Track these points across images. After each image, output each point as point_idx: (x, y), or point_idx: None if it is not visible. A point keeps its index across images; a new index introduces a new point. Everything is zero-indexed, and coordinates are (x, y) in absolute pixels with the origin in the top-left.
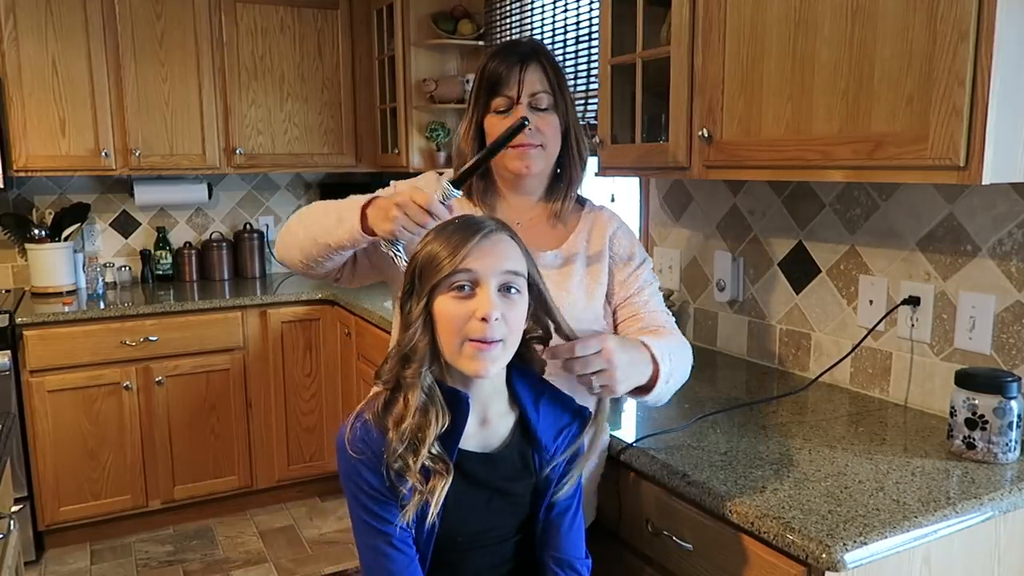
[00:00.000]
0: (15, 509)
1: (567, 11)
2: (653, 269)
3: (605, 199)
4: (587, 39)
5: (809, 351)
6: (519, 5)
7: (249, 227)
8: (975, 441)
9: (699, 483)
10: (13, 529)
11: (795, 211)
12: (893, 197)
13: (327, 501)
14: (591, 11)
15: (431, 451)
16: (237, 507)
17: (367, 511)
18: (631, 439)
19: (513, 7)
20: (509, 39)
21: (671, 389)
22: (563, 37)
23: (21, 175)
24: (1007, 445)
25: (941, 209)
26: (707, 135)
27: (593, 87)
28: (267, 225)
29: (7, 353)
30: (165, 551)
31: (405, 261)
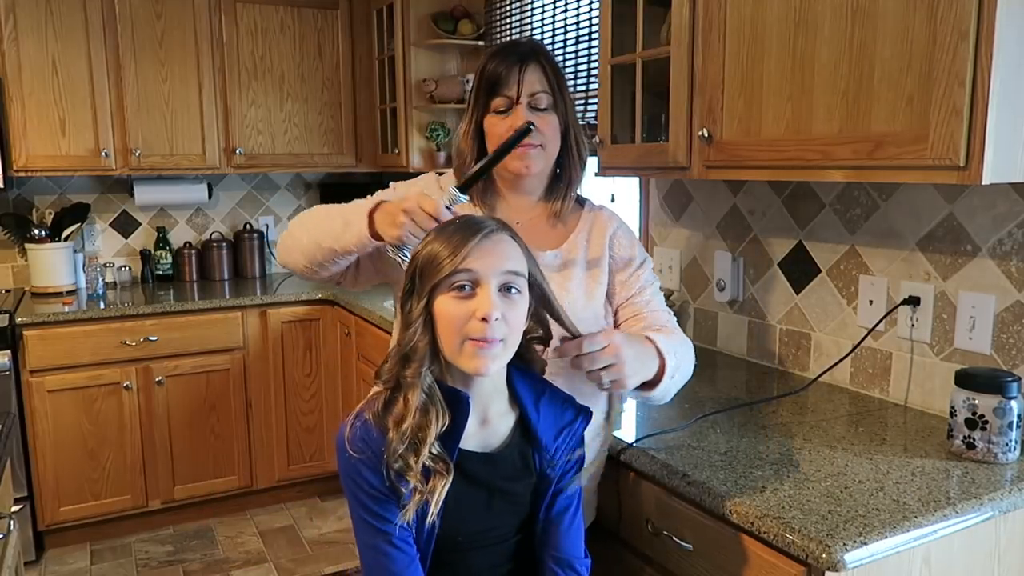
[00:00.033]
0: (15, 509)
1: (567, 11)
2: (653, 269)
3: (605, 199)
4: (587, 39)
5: (809, 351)
6: (519, 5)
7: (249, 227)
8: (975, 441)
9: (699, 483)
10: (13, 529)
11: (795, 211)
12: (893, 197)
13: (327, 501)
14: (591, 11)
15: (431, 451)
16: (237, 507)
17: (367, 510)
18: (631, 439)
19: (513, 7)
20: (509, 39)
21: (676, 385)
22: (563, 37)
23: (21, 175)
24: (1007, 445)
25: (941, 209)
26: (707, 135)
27: (593, 87)
28: (267, 225)
29: (7, 353)
30: (165, 551)
31: None
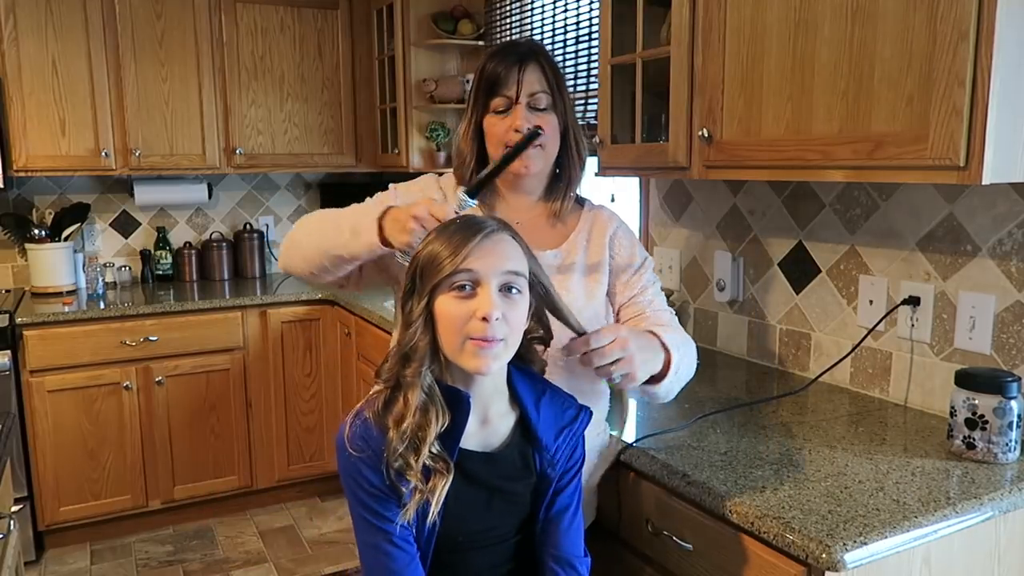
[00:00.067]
0: (15, 509)
1: (567, 11)
2: (653, 269)
3: (605, 199)
4: (587, 39)
5: (809, 351)
6: (519, 5)
7: (249, 227)
8: (975, 441)
9: (699, 483)
10: (13, 529)
11: (795, 211)
12: (893, 197)
13: (327, 501)
14: (591, 11)
15: (431, 450)
16: (237, 507)
17: (367, 509)
18: (631, 439)
19: (513, 7)
20: (508, 40)
21: (681, 380)
22: (563, 37)
23: (21, 175)
24: (1007, 445)
25: (941, 209)
26: (707, 135)
27: (593, 87)
28: (267, 225)
29: (7, 353)
30: (165, 551)
31: None
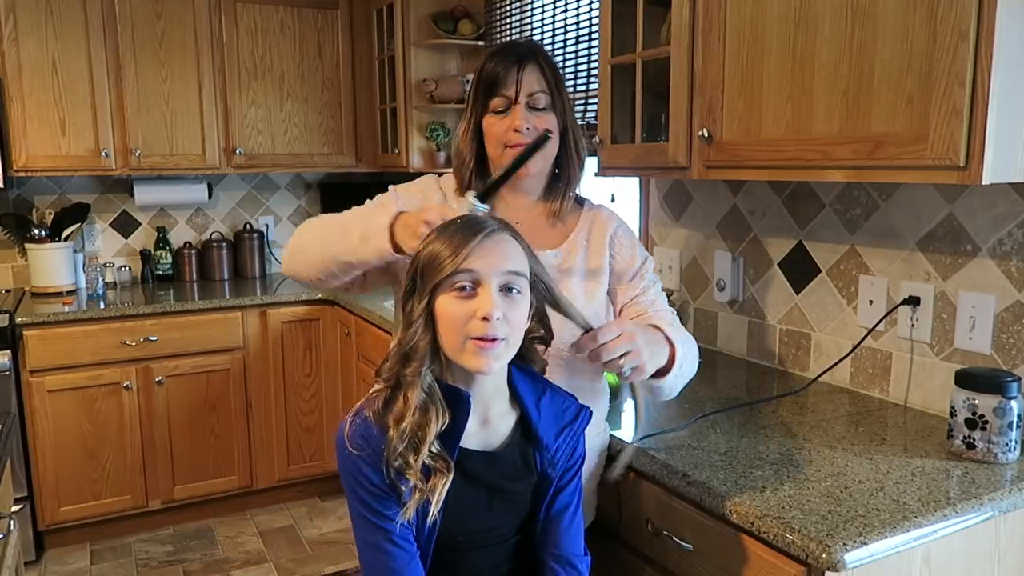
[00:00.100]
0: (15, 509)
1: (567, 11)
2: (653, 269)
3: (605, 199)
4: (587, 39)
5: (809, 351)
6: (519, 5)
7: (249, 227)
8: (975, 441)
9: (699, 483)
10: (13, 529)
11: (795, 211)
12: (893, 197)
13: (327, 501)
14: (591, 11)
15: (431, 449)
16: (237, 507)
17: (367, 507)
18: (631, 439)
19: (513, 7)
20: (507, 40)
21: (685, 375)
22: (563, 37)
23: (21, 175)
24: (1007, 445)
25: (941, 209)
26: (707, 135)
27: (593, 87)
28: (267, 225)
29: (7, 353)
30: (165, 551)
31: None
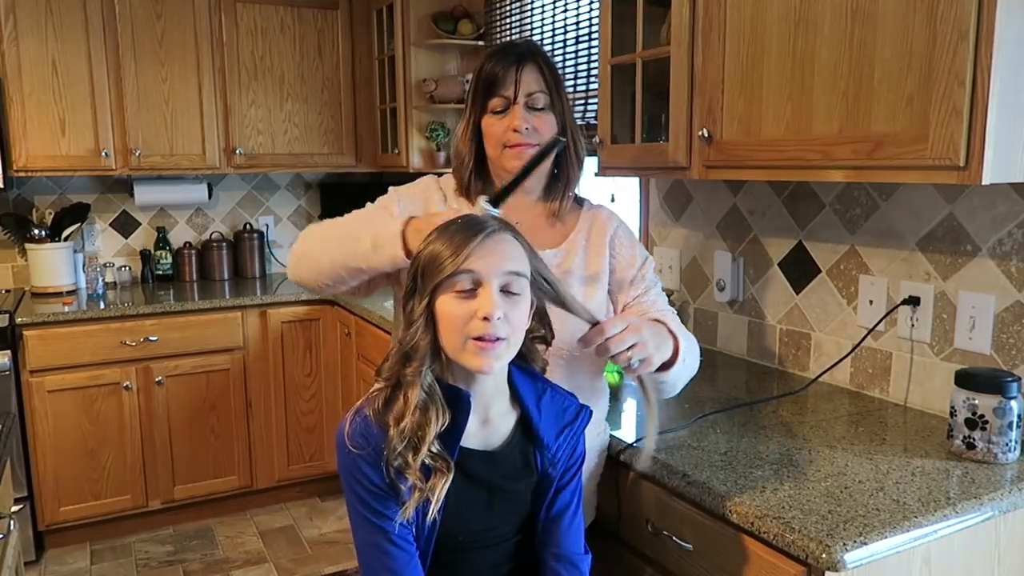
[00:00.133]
0: (15, 509)
1: (567, 11)
2: (654, 270)
3: (605, 199)
4: (587, 39)
5: (809, 351)
6: (519, 5)
7: (249, 227)
8: (975, 441)
9: (699, 483)
10: (13, 529)
11: (795, 211)
12: (893, 197)
13: (327, 501)
14: (591, 11)
15: (431, 449)
16: (237, 507)
17: (367, 507)
18: (631, 439)
19: (513, 7)
20: (506, 40)
21: (688, 369)
22: (563, 37)
23: (21, 175)
24: (1007, 445)
25: (941, 209)
26: (707, 135)
27: (593, 87)
28: (267, 225)
29: (7, 353)
30: (165, 551)
31: None
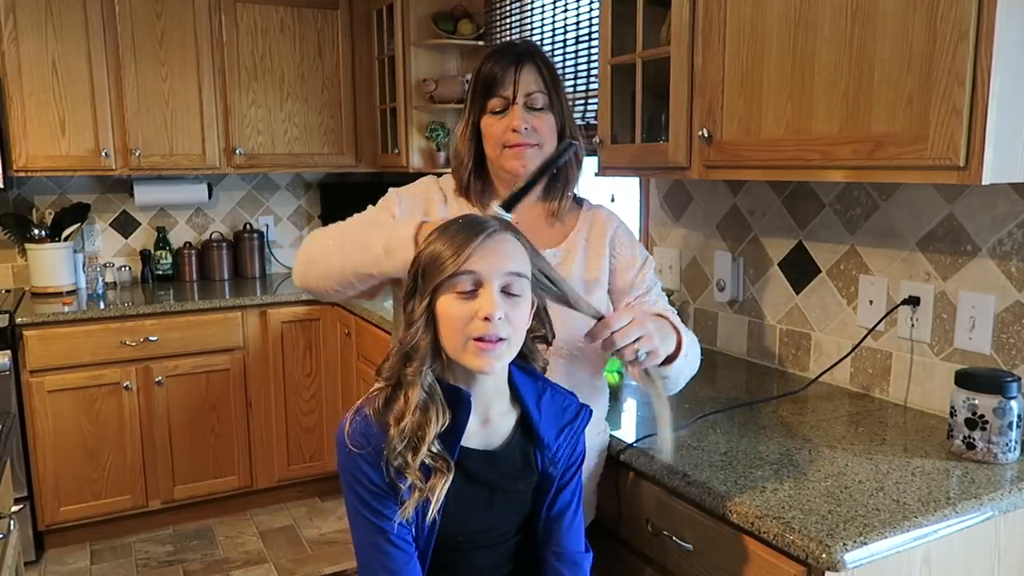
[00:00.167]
0: (15, 509)
1: (567, 11)
2: (654, 270)
3: (605, 199)
4: (587, 39)
5: (809, 351)
6: (519, 5)
7: (249, 227)
8: (975, 441)
9: (699, 483)
10: (13, 529)
11: (795, 211)
12: (893, 197)
13: (327, 501)
14: (591, 11)
15: (431, 449)
16: (237, 507)
17: (366, 506)
18: (631, 439)
19: (513, 7)
20: (505, 41)
21: (690, 364)
22: (563, 37)
23: (21, 175)
24: (1007, 445)
25: (941, 209)
26: (707, 135)
27: (593, 87)
28: (267, 225)
29: (7, 353)
30: (165, 551)
31: None
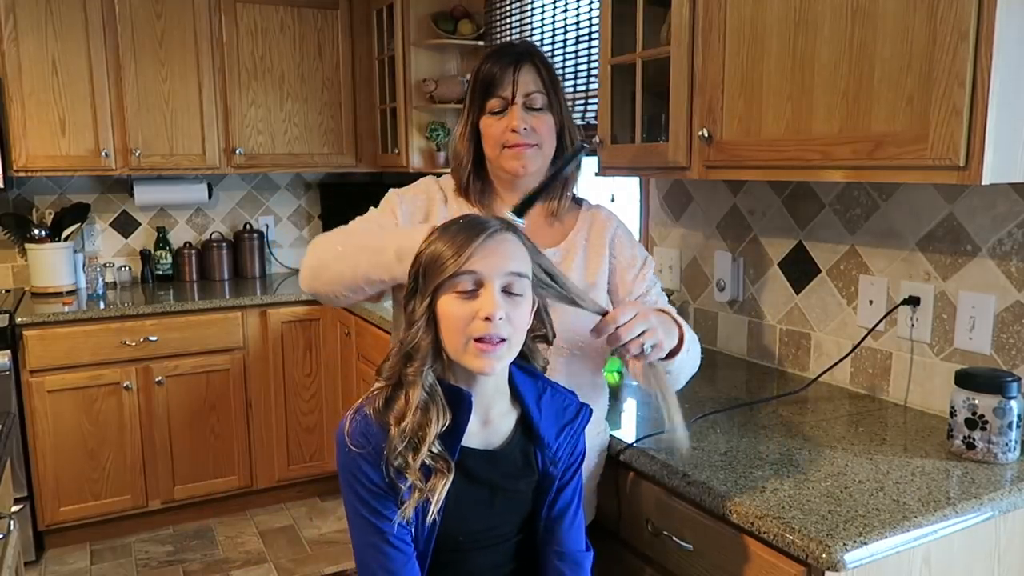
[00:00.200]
0: (15, 509)
1: (567, 11)
2: (654, 270)
3: (605, 199)
4: (587, 39)
5: (809, 351)
6: (519, 5)
7: (249, 227)
8: (975, 441)
9: (699, 483)
10: (13, 529)
11: (795, 211)
12: (893, 197)
13: (327, 501)
14: (591, 11)
15: (432, 449)
16: (237, 507)
17: (365, 506)
18: (631, 439)
19: (513, 7)
20: (503, 41)
21: (692, 359)
22: (563, 37)
23: (21, 175)
24: (1007, 445)
25: (941, 209)
26: (707, 135)
27: (593, 87)
28: (267, 225)
29: (7, 353)
30: (165, 551)
31: None
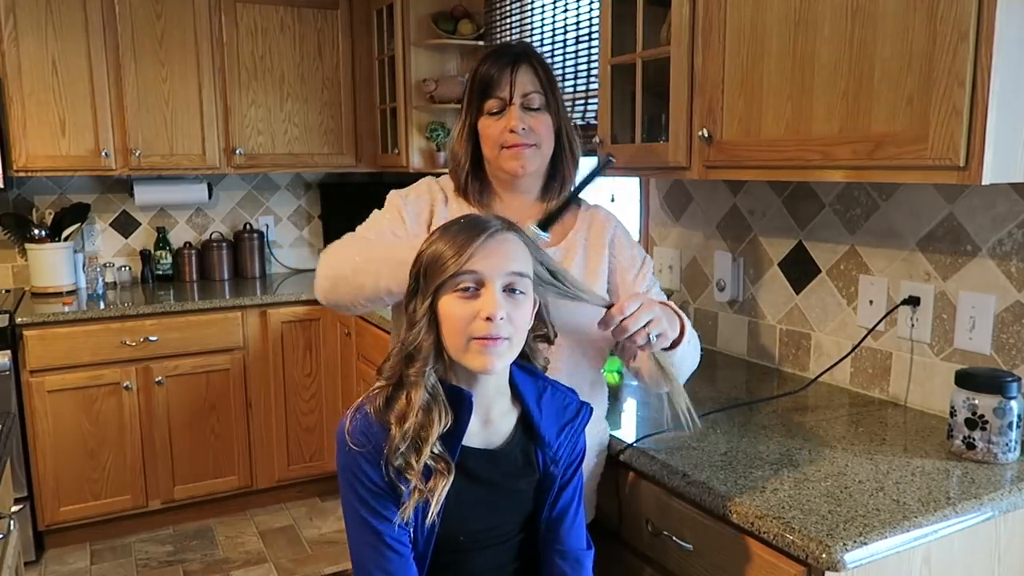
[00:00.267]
0: (15, 509)
1: (567, 11)
2: (653, 270)
3: (605, 199)
4: (587, 39)
5: (809, 351)
6: (519, 5)
7: (249, 227)
8: (975, 441)
9: (699, 483)
10: (13, 529)
11: (795, 211)
12: (893, 197)
13: (327, 501)
14: (591, 11)
15: (433, 450)
16: (237, 507)
17: (364, 505)
18: (631, 439)
19: (513, 7)
20: (500, 42)
21: (692, 353)
22: (563, 37)
23: (21, 175)
24: (1007, 445)
25: (941, 209)
26: (707, 135)
27: (593, 87)
28: (267, 225)
29: (7, 353)
30: (165, 551)
31: None
